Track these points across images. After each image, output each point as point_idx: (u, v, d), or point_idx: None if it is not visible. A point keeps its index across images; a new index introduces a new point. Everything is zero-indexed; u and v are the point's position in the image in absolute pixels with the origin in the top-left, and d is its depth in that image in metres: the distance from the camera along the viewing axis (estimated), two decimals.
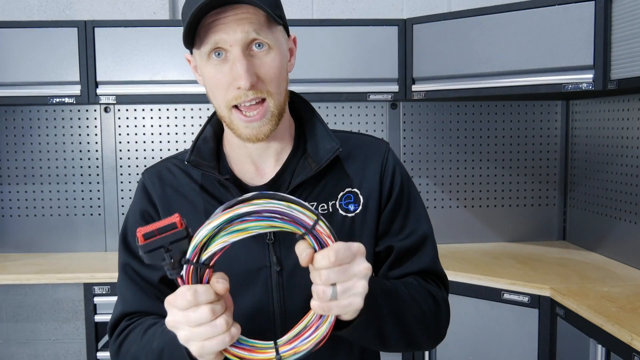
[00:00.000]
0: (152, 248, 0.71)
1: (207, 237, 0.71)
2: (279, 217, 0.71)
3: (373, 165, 1.00)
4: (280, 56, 0.92)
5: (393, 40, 2.51)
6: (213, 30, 0.87)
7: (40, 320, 2.48)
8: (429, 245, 1.02)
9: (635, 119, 2.33)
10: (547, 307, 2.09)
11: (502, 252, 2.70)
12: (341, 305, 0.73)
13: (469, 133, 2.90)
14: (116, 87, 2.51)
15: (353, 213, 0.97)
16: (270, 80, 0.90)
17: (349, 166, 0.99)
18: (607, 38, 2.06)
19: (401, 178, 1.01)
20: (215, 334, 0.71)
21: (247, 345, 0.75)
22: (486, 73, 2.33)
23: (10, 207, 2.85)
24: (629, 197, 2.38)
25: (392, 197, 1.00)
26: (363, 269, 0.74)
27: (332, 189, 0.97)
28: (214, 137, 1.01)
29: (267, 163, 0.99)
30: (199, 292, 0.71)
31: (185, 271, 0.72)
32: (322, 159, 0.94)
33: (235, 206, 0.70)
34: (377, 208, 0.98)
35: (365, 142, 1.03)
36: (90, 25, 2.48)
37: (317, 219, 0.73)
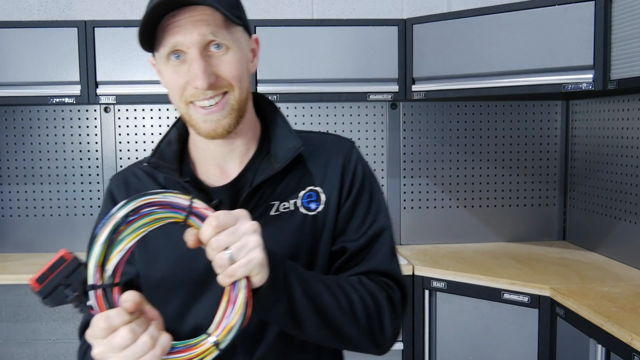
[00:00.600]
0: (50, 289, 0.69)
1: (102, 255, 0.70)
2: (158, 208, 0.72)
3: (335, 163, 1.00)
4: (240, 56, 0.92)
5: (393, 40, 2.51)
6: (170, 32, 0.88)
7: (40, 320, 2.48)
8: (383, 245, 0.99)
9: (635, 119, 2.33)
10: (547, 307, 2.09)
11: (502, 252, 2.70)
12: (242, 263, 0.73)
13: (469, 133, 2.90)
14: (116, 87, 2.51)
15: (315, 211, 0.97)
16: (230, 77, 0.90)
17: (312, 165, 0.99)
18: (607, 38, 2.06)
19: (362, 175, 1.01)
20: (143, 352, 0.70)
21: (182, 347, 0.75)
22: (486, 73, 2.33)
23: (10, 207, 2.85)
24: (629, 197, 2.38)
25: (352, 194, 0.99)
26: (250, 226, 0.75)
27: (294, 188, 0.97)
28: (179, 140, 1.01)
29: (231, 164, 0.99)
30: (111, 316, 0.70)
31: (94, 299, 0.70)
32: (284, 158, 0.95)
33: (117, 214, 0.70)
34: (337, 207, 0.98)
35: (328, 141, 1.04)
36: (90, 25, 2.48)
37: (191, 197, 0.74)
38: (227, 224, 0.73)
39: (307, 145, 0.98)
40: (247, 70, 0.94)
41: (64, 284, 0.69)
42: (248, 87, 0.95)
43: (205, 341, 0.75)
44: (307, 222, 0.97)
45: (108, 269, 0.71)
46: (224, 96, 0.91)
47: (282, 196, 0.96)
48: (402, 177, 2.91)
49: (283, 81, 2.50)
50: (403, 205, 2.91)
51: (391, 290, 0.97)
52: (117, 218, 0.70)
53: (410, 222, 2.92)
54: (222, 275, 0.74)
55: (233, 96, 0.91)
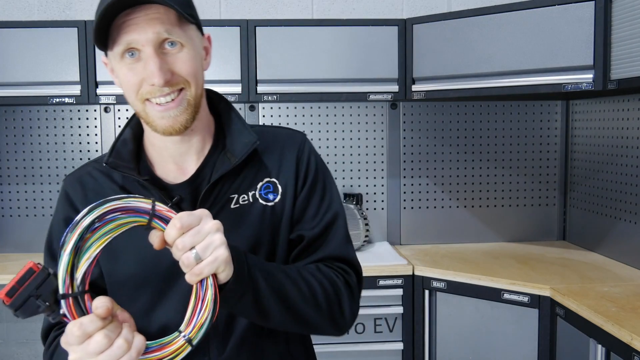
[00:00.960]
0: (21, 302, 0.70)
1: (70, 264, 0.71)
2: (122, 213, 0.73)
3: (289, 155, 1.03)
4: (194, 53, 0.93)
5: (393, 40, 2.51)
6: (124, 31, 0.88)
7: (40, 320, 2.47)
8: (338, 232, 1.03)
9: (635, 119, 2.33)
10: (547, 307, 2.09)
11: (502, 252, 2.70)
12: (208, 262, 0.75)
13: (469, 133, 2.90)
14: (116, 87, 2.50)
15: (273, 202, 1.00)
16: (186, 74, 0.92)
17: (267, 158, 1.02)
18: (607, 38, 2.06)
19: (316, 166, 1.05)
20: (119, 355, 0.72)
21: (156, 347, 0.77)
22: (486, 73, 2.33)
23: (10, 207, 2.85)
24: (629, 197, 2.38)
25: (307, 184, 1.03)
26: (213, 225, 0.77)
27: (251, 180, 1.00)
28: (134, 139, 1.02)
29: (188, 161, 1.00)
30: (85, 323, 0.71)
31: (66, 307, 0.71)
32: (241, 152, 0.97)
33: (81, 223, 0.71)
34: (293, 197, 1.02)
35: (281, 134, 1.07)
36: (90, 25, 2.48)
37: (153, 201, 0.75)
38: (190, 225, 0.75)
39: (261, 139, 1.01)
40: (201, 67, 0.96)
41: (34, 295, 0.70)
42: (202, 83, 0.97)
43: (178, 339, 0.77)
44: (266, 212, 1.00)
45: (77, 277, 0.72)
46: (179, 93, 0.92)
47: (241, 189, 0.99)
48: (402, 177, 2.91)
49: (283, 81, 2.50)
50: (403, 205, 2.91)
51: (348, 275, 1.01)
52: (82, 227, 0.71)
53: (410, 222, 2.92)
54: (189, 274, 0.76)
55: (189, 92, 0.92)
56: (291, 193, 1.01)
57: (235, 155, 0.97)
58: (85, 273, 0.73)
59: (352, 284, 1.01)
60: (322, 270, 0.98)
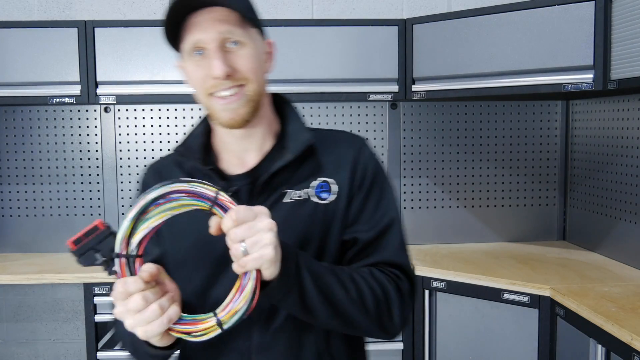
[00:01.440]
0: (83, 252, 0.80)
1: (129, 229, 0.79)
2: (186, 195, 0.80)
3: (347, 157, 1.06)
4: (255, 52, 0.99)
5: (393, 40, 2.51)
6: (191, 31, 0.96)
7: (40, 320, 2.48)
8: (393, 237, 1.05)
9: (635, 119, 2.33)
10: (547, 307, 2.09)
11: (502, 252, 2.70)
12: (254, 257, 0.80)
13: (469, 133, 2.90)
14: (116, 87, 2.51)
15: (326, 201, 1.03)
16: (246, 70, 0.97)
17: (324, 158, 1.06)
18: (607, 38, 2.06)
19: (374, 170, 1.07)
20: (152, 318, 0.80)
21: (189, 320, 0.83)
22: (486, 73, 2.33)
23: (10, 207, 2.85)
24: (629, 197, 2.38)
25: (363, 187, 1.05)
26: (267, 224, 0.81)
27: (307, 178, 1.04)
28: (205, 133, 1.10)
29: (249, 155, 1.06)
30: (128, 282, 0.80)
31: (118, 266, 0.80)
32: (296, 149, 1.02)
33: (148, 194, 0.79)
34: (348, 198, 1.04)
35: (341, 137, 1.11)
36: (90, 25, 2.48)
37: (217, 190, 0.81)
38: (245, 219, 0.80)
39: (320, 140, 1.06)
40: (261, 66, 1.02)
41: (94, 249, 0.80)
42: (263, 82, 1.03)
43: (211, 319, 0.82)
44: (318, 210, 1.03)
45: (133, 242, 0.80)
46: (240, 88, 0.98)
47: (296, 185, 1.03)
48: (402, 177, 2.91)
49: (283, 81, 2.50)
50: (403, 205, 2.91)
51: (400, 280, 1.02)
52: (146, 200, 0.79)
53: (410, 222, 2.92)
54: (236, 264, 0.81)
55: (249, 87, 0.98)
56: (345, 194, 1.04)
57: (291, 152, 1.02)
58: (141, 240, 0.80)
59: (403, 290, 1.02)
60: (374, 275, 0.99)
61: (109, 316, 2.42)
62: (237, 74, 0.96)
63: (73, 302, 2.46)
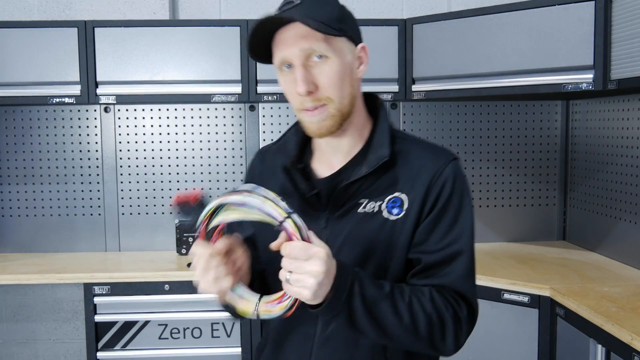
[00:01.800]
0: (180, 209, 0.96)
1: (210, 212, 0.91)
2: (258, 209, 0.88)
3: (425, 175, 1.04)
4: (339, 63, 1.01)
5: (393, 40, 2.51)
6: (278, 47, 1.02)
7: (40, 320, 2.47)
8: (459, 266, 1.03)
9: (635, 119, 2.33)
10: (547, 307, 2.09)
11: (502, 252, 2.70)
12: (292, 291, 0.89)
13: (469, 133, 2.90)
14: (116, 87, 2.51)
15: (396, 217, 1.03)
16: (327, 86, 1.01)
17: (402, 173, 1.05)
18: (607, 38, 2.06)
19: (450, 192, 1.04)
20: (206, 282, 0.94)
21: (237, 297, 0.95)
22: (486, 73, 2.33)
23: (10, 207, 2.85)
24: (629, 197, 2.38)
25: (436, 208, 1.03)
26: (314, 269, 0.87)
27: (382, 191, 1.05)
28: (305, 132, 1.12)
29: (336, 159, 1.10)
30: (199, 247, 0.94)
31: (198, 232, 0.94)
32: (372, 164, 1.04)
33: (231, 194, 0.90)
34: (417, 217, 1.03)
35: (427, 151, 1.09)
36: (90, 25, 2.48)
37: (287, 215, 0.88)
38: (297, 257, 0.88)
39: (405, 152, 1.07)
40: (349, 76, 1.04)
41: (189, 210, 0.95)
42: (350, 92, 1.04)
43: (252, 305, 0.94)
44: (386, 225, 1.03)
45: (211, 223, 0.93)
46: (323, 107, 1.02)
47: (371, 197, 1.05)
48: None
49: None
50: None
51: (459, 307, 1.02)
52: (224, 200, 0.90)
53: None
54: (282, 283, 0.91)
55: (332, 107, 1.02)
56: (415, 213, 1.03)
57: (367, 166, 1.04)
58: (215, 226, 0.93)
59: (461, 317, 1.02)
60: (434, 300, 1.00)
61: (108, 316, 2.43)
62: (318, 92, 1.01)
63: (73, 302, 2.46)
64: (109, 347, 2.43)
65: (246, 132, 2.87)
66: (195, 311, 2.42)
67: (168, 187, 2.87)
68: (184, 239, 2.73)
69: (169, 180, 2.87)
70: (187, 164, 2.87)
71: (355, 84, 1.06)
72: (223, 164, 2.88)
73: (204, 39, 2.51)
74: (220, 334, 2.45)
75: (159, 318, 2.43)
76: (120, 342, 2.43)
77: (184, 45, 2.51)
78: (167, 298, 2.41)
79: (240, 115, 2.87)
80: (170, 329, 2.44)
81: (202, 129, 2.87)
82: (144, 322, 2.43)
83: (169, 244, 2.84)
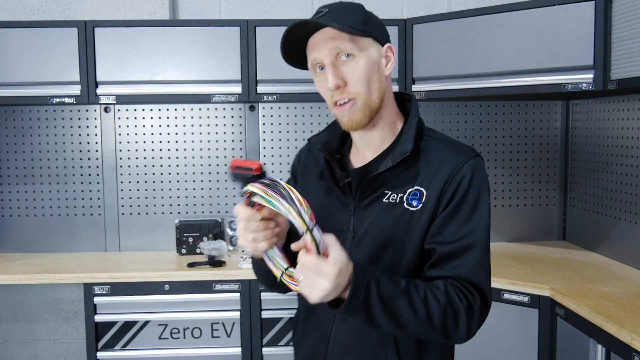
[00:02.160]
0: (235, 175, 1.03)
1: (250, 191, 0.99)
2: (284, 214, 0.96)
3: (444, 170, 1.12)
4: (366, 61, 1.11)
5: (393, 40, 2.51)
6: (310, 50, 1.14)
7: (40, 320, 2.48)
8: (473, 256, 1.10)
9: (635, 119, 2.33)
10: (547, 307, 2.09)
11: (502, 252, 2.70)
12: (303, 291, 0.97)
13: (469, 133, 2.90)
14: (116, 87, 2.51)
15: (415, 208, 1.12)
16: (355, 82, 1.11)
17: (424, 168, 1.14)
18: (607, 38, 2.06)
19: (467, 188, 1.11)
20: (245, 241, 1.03)
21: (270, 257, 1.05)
22: (486, 73, 2.33)
23: (10, 207, 2.85)
24: (629, 197, 2.38)
25: (452, 203, 1.11)
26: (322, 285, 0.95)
27: (404, 183, 1.14)
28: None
29: (368, 151, 1.20)
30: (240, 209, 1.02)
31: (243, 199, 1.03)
32: (396, 158, 1.14)
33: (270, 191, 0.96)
34: (434, 209, 1.11)
35: (449, 148, 1.17)
36: (90, 25, 2.48)
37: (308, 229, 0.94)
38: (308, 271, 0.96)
39: (429, 148, 1.16)
40: (376, 73, 1.14)
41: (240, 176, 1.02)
42: (378, 87, 1.14)
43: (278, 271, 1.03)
44: (405, 215, 1.12)
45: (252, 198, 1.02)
46: (352, 101, 1.12)
47: (394, 188, 1.14)
48: None
49: (283, 81, 2.50)
50: None
51: (472, 297, 1.08)
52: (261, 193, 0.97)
53: None
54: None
55: (361, 100, 1.12)
56: (432, 206, 1.11)
57: (391, 159, 1.14)
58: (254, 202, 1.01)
59: (474, 307, 1.08)
60: (448, 293, 1.06)
61: (108, 316, 2.43)
62: (347, 87, 1.11)
63: (73, 302, 2.46)
64: (109, 347, 2.43)
65: (246, 132, 2.87)
66: (195, 311, 2.43)
67: (168, 187, 2.87)
68: (184, 239, 2.74)
69: (169, 180, 2.87)
70: (187, 164, 2.87)
71: (384, 80, 1.15)
72: (223, 164, 2.88)
73: (204, 39, 2.51)
74: (220, 334, 2.45)
75: (159, 318, 2.43)
76: (120, 342, 2.43)
77: (184, 45, 2.51)
78: (167, 298, 2.41)
79: (240, 115, 2.87)
80: (170, 329, 2.44)
81: (202, 129, 2.87)
82: (144, 322, 2.44)
83: (169, 244, 2.84)
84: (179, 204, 2.88)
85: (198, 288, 2.42)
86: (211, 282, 2.41)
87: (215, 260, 2.51)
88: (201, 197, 2.89)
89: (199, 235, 2.74)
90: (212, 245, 2.57)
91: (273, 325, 2.46)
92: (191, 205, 2.89)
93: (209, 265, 2.48)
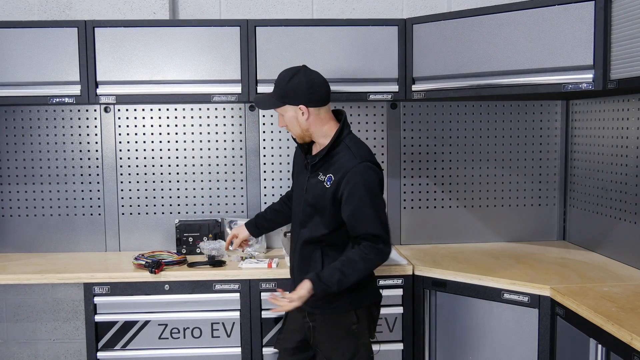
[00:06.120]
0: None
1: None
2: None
3: (344, 168, 1.91)
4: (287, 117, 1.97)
5: (393, 40, 2.51)
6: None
7: (40, 320, 2.48)
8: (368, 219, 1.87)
9: (635, 119, 2.33)
10: (547, 307, 2.09)
11: (502, 252, 2.70)
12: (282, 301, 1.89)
13: (469, 133, 2.90)
14: (116, 87, 2.51)
15: (328, 186, 1.93)
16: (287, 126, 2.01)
17: (335, 162, 1.94)
18: (607, 38, 2.06)
19: (354, 183, 1.87)
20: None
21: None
22: (486, 73, 2.33)
23: (10, 207, 2.86)
24: (629, 197, 2.38)
25: (345, 193, 1.89)
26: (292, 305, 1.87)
27: (325, 169, 1.97)
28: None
29: (316, 148, 2.03)
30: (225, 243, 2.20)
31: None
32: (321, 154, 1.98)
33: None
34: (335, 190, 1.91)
35: (350, 153, 1.92)
36: (90, 25, 2.48)
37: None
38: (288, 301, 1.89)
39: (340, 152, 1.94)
40: (296, 121, 1.96)
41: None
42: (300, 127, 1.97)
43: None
44: (324, 189, 1.94)
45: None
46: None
47: (322, 172, 1.96)
48: (402, 177, 2.91)
49: None
50: (403, 205, 2.92)
51: (376, 243, 1.88)
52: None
53: (410, 222, 2.93)
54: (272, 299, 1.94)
55: (293, 133, 2.03)
56: (334, 187, 1.91)
57: (318, 156, 1.97)
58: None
59: (378, 248, 1.88)
60: (361, 250, 1.89)
61: (108, 316, 2.43)
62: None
63: (73, 302, 2.46)
64: (109, 347, 2.43)
65: (246, 132, 2.87)
66: (195, 311, 2.43)
67: (168, 187, 2.87)
68: (184, 239, 2.74)
69: (169, 180, 2.87)
70: (187, 164, 2.87)
71: (304, 123, 1.95)
72: (223, 164, 2.88)
73: (204, 39, 2.51)
74: (220, 334, 2.45)
75: (159, 318, 2.43)
76: (120, 342, 2.43)
77: (183, 45, 2.51)
78: (167, 298, 2.41)
79: (240, 115, 2.87)
80: (170, 329, 2.44)
81: (202, 129, 2.87)
82: (144, 322, 2.44)
83: (169, 244, 2.84)
84: (179, 204, 2.88)
85: (198, 288, 2.42)
86: (211, 282, 2.42)
87: (215, 260, 2.52)
88: (201, 197, 2.89)
89: (198, 235, 2.74)
90: (212, 245, 2.57)
91: (273, 325, 2.46)
92: (191, 205, 2.89)
93: (208, 265, 2.48)
